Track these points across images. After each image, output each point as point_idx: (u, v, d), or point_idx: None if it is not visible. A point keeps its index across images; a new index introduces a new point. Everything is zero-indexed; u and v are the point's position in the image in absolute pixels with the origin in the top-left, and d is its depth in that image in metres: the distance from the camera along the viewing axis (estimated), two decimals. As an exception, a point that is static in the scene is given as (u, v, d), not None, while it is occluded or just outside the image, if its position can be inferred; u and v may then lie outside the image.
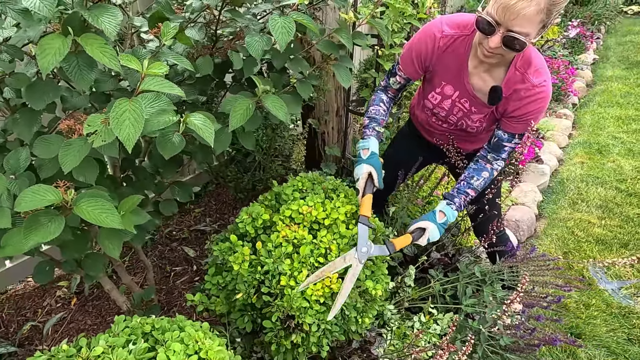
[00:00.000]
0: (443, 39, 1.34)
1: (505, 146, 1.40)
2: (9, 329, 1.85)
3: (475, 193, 1.44)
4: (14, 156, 0.91)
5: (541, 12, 1.07)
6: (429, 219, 1.39)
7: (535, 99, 1.28)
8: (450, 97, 1.43)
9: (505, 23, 1.11)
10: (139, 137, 0.71)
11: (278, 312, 1.28)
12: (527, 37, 1.12)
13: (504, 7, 1.08)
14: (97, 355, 0.94)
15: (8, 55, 0.84)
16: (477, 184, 1.43)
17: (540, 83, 1.27)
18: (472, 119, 1.45)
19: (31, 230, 0.79)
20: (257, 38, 0.99)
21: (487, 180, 1.44)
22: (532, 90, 1.27)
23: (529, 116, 1.31)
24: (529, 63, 1.27)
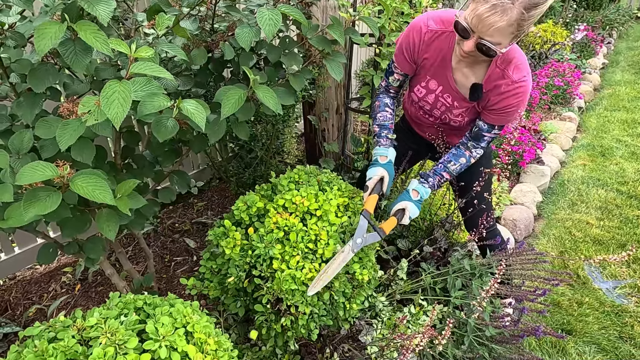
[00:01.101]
0: (428, 33, 1.39)
1: (485, 136, 1.46)
2: (16, 311, 1.93)
3: (450, 176, 1.53)
4: (18, 137, 0.98)
5: (512, 26, 1.12)
6: (405, 198, 1.49)
7: (514, 93, 1.32)
8: (434, 91, 1.48)
9: (478, 32, 1.17)
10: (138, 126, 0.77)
11: (268, 294, 1.33)
12: (499, 46, 1.18)
13: (478, 18, 1.14)
14: (90, 325, 1.00)
15: (13, 42, 0.91)
16: (452, 169, 1.52)
17: (520, 79, 1.31)
18: (454, 114, 1.50)
19: (30, 204, 0.85)
20: (247, 30, 1.05)
21: (463, 166, 1.52)
22: (511, 86, 1.31)
23: (507, 109, 1.35)
24: (510, 60, 1.31)
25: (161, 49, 1.05)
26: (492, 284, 1.24)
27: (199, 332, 1.02)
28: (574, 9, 7.93)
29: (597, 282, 2.18)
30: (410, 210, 1.47)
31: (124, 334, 0.95)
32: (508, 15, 1.10)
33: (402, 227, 1.98)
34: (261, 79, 1.27)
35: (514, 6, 1.09)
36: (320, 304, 1.35)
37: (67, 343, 0.93)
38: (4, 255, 2.04)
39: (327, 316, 1.43)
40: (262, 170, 2.56)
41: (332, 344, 1.68)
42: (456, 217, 1.98)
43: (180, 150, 1.57)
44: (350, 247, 1.36)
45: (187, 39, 1.19)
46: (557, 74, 4.34)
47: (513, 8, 1.09)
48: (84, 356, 0.93)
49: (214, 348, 1.03)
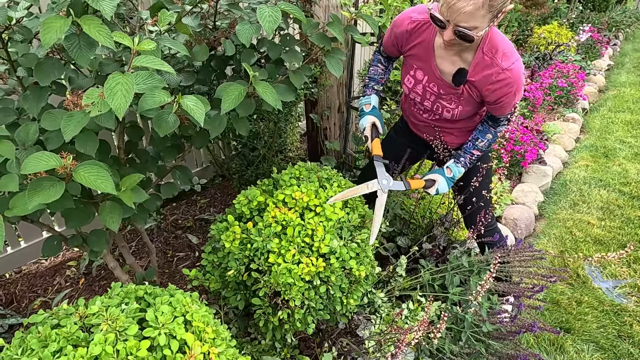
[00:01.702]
0: (411, 24, 1.44)
1: (500, 118, 1.49)
2: (21, 303, 1.97)
3: (480, 153, 1.58)
4: (24, 129, 1.01)
5: (481, 8, 1.15)
6: (439, 172, 1.58)
7: (506, 83, 1.34)
8: (421, 82, 1.52)
9: (451, 20, 1.20)
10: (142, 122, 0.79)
11: (265, 287, 1.35)
12: (476, 30, 1.21)
13: (447, 6, 1.18)
14: (92, 313, 1.02)
15: (20, 36, 0.94)
16: (481, 145, 1.56)
17: (509, 66, 1.33)
18: (445, 100, 1.52)
19: (34, 193, 0.88)
20: (247, 26, 1.08)
21: (490, 142, 1.56)
22: (502, 74, 1.33)
23: (505, 99, 1.38)
24: (496, 48, 1.33)
25: (164, 44, 1.07)
26: (487, 278, 1.26)
27: (198, 321, 1.05)
28: (580, 10, 7.91)
29: (597, 281, 2.18)
30: (440, 183, 1.55)
31: (124, 321, 0.98)
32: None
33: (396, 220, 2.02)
34: (262, 75, 1.29)
35: None
36: (317, 298, 1.37)
37: (69, 329, 0.96)
38: (10, 249, 2.08)
39: (324, 310, 1.45)
40: (264, 167, 2.59)
41: (330, 338, 1.70)
42: (455, 215, 1.99)
43: (183, 146, 1.60)
44: (381, 188, 1.43)
45: (189, 35, 1.22)
46: (561, 75, 4.34)
47: None
48: (86, 342, 0.95)
49: (212, 337, 1.05)
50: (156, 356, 0.96)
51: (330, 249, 1.37)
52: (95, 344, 0.91)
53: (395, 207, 1.95)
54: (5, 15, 0.85)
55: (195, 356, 0.98)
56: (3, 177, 0.95)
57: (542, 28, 5.77)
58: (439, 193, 1.57)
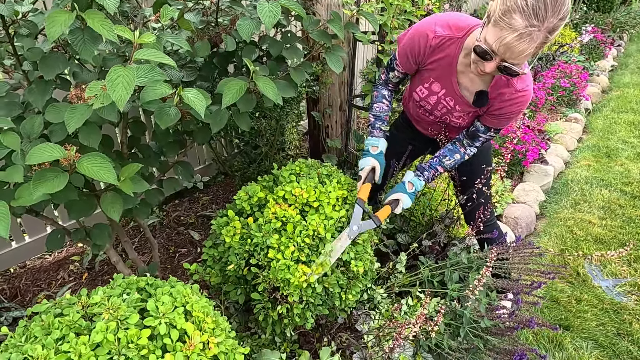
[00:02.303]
0: (435, 39, 1.38)
1: (481, 137, 1.51)
2: (25, 297, 2.00)
3: (444, 170, 1.59)
4: (29, 122, 1.03)
5: (536, 49, 1.11)
6: (400, 190, 1.57)
7: (517, 102, 1.36)
8: (436, 94, 1.49)
9: (503, 57, 1.15)
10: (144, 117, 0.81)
11: (264, 282, 1.37)
12: (520, 66, 1.18)
13: (505, 47, 1.11)
14: (94, 302, 1.04)
15: (26, 30, 0.96)
16: (447, 163, 1.57)
17: (523, 88, 1.34)
18: (454, 116, 1.53)
19: (39, 183, 0.90)
20: (248, 22, 1.10)
21: (457, 162, 1.57)
22: (515, 94, 1.35)
23: (507, 116, 1.40)
24: None
25: (166, 40, 1.09)
26: (484, 271, 1.27)
27: (198, 311, 1.07)
28: (584, 11, 7.89)
29: (597, 280, 2.18)
30: (403, 201, 1.55)
31: (125, 310, 0.99)
32: (535, 42, 1.08)
33: (397, 217, 2.05)
34: (262, 71, 1.31)
35: (541, 32, 1.06)
36: (315, 294, 1.39)
37: (72, 317, 0.98)
38: (15, 244, 2.11)
39: (323, 305, 1.46)
40: (266, 165, 2.60)
41: (330, 333, 1.72)
42: (456, 213, 2.00)
43: (185, 141, 1.62)
44: (347, 234, 1.41)
45: (191, 31, 1.24)
46: (563, 76, 4.34)
47: (539, 34, 1.07)
48: (88, 330, 0.97)
49: (211, 327, 1.07)
50: (156, 345, 0.98)
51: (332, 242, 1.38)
52: (97, 332, 0.93)
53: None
54: (11, 9, 0.87)
55: (195, 345, 1.00)
56: (9, 168, 0.97)
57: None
58: (404, 209, 1.57)
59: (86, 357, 0.89)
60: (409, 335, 1.26)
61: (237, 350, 1.12)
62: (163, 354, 0.96)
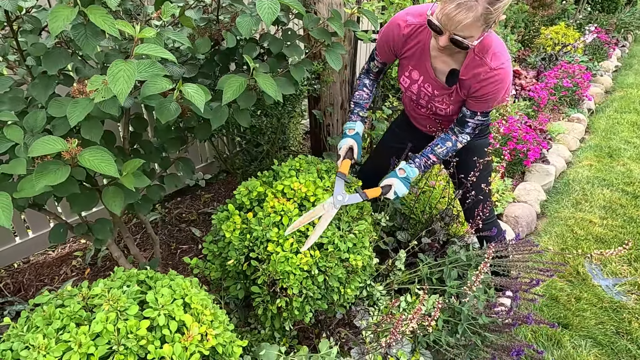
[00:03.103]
0: (407, 27, 1.47)
1: (469, 122, 1.51)
2: (28, 292, 2.02)
3: (436, 158, 1.59)
4: (32, 116, 1.05)
5: (479, 20, 1.19)
6: (393, 175, 1.59)
7: (493, 80, 1.37)
8: (417, 82, 1.56)
9: (449, 29, 1.24)
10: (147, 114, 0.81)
11: (264, 276, 1.38)
12: (471, 39, 1.25)
13: (446, 17, 1.21)
14: (95, 294, 1.06)
15: (30, 25, 0.98)
16: (439, 151, 1.58)
17: (498, 66, 1.35)
18: (437, 101, 1.56)
19: (41, 175, 0.92)
20: (247, 18, 1.11)
21: (449, 150, 1.58)
22: (490, 73, 1.36)
23: (488, 96, 1.41)
24: (487, 48, 1.36)
25: (167, 36, 1.11)
26: (481, 268, 1.28)
27: (196, 304, 1.08)
28: (588, 11, 7.86)
29: (597, 279, 2.18)
30: (396, 185, 1.56)
31: (125, 302, 1.01)
32: (473, 12, 1.16)
33: (397, 215, 2.05)
34: (263, 68, 1.32)
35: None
36: (315, 287, 1.40)
37: (72, 308, 1.00)
38: (18, 239, 2.14)
39: (322, 300, 1.48)
40: (267, 163, 2.62)
41: (329, 329, 1.73)
42: (455, 210, 2.01)
43: (186, 138, 1.64)
44: (333, 204, 1.44)
45: (192, 28, 1.25)
46: (566, 76, 4.33)
47: (477, 5, 1.15)
48: (88, 320, 0.99)
49: (210, 319, 1.08)
50: (155, 335, 0.99)
51: (329, 240, 1.39)
52: (97, 322, 0.95)
53: (395, 201, 1.97)
54: (15, 4, 0.89)
55: (193, 337, 1.01)
56: (12, 160, 0.99)
57: (549, 29, 5.76)
58: (399, 196, 1.58)
59: (86, 347, 0.91)
60: (406, 330, 1.27)
61: (235, 343, 1.13)
62: (162, 344, 0.98)
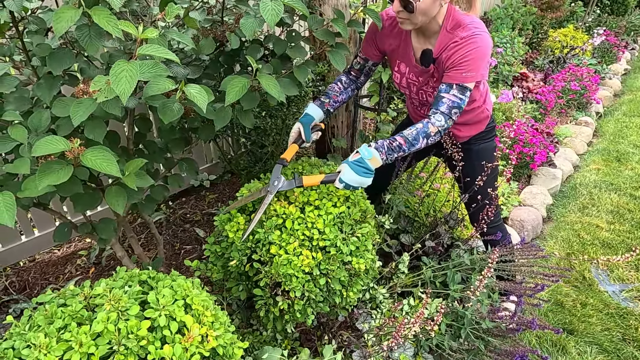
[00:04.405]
0: (387, 20, 1.50)
1: (443, 97, 1.37)
2: (33, 290, 2.04)
3: (404, 141, 1.35)
4: (36, 116, 1.06)
5: None
6: (344, 161, 1.35)
7: (465, 44, 1.33)
8: (404, 75, 1.57)
9: None
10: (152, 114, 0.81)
11: (266, 278, 1.38)
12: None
13: None
14: (97, 294, 1.06)
15: (35, 26, 0.99)
16: (407, 133, 1.36)
17: (468, 35, 1.34)
18: (424, 89, 1.55)
19: (44, 175, 0.92)
20: (251, 20, 1.11)
21: (420, 131, 1.36)
22: (460, 41, 1.35)
23: (461, 62, 1.34)
24: (458, 24, 1.37)
25: (171, 37, 1.11)
26: (485, 272, 1.27)
27: (197, 305, 1.08)
28: (597, 14, 7.79)
29: (604, 284, 2.15)
30: (343, 172, 1.32)
31: (126, 302, 1.01)
32: None
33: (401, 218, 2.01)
34: (266, 69, 1.32)
35: None
36: (317, 290, 1.39)
37: (74, 308, 1.00)
38: (24, 238, 2.15)
39: (324, 303, 1.47)
40: (272, 164, 2.62)
41: (330, 331, 1.72)
42: (460, 214, 2.00)
43: (190, 138, 1.64)
44: (269, 190, 1.44)
45: (196, 29, 1.25)
46: (574, 78, 4.29)
47: None
48: (89, 320, 0.99)
49: (210, 320, 1.08)
50: (156, 336, 0.99)
51: (331, 243, 1.39)
52: (98, 322, 0.95)
53: (399, 204, 1.96)
54: (20, 5, 0.90)
55: (194, 338, 1.01)
56: (16, 160, 0.99)
57: (557, 31, 5.71)
58: (348, 185, 1.32)
59: (87, 346, 0.91)
60: (408, 334, 1.26)
61: (235, 345, 1.13)
62: (162, 345, 0.98)
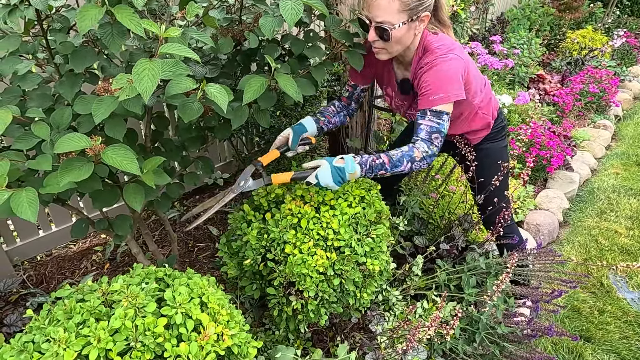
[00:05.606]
0: (367, 43, 1.46)
1: (421, 124, 1.34)
2: (50, 284, 2.07)
3: (388, 161, 1.32)
4: (58, 113, 1.07)
5: (394, 2, 1.20)
6: (327, 159, 1.31)
7: (427, 70, 1.32)
8: (392, 97, 1.58)
9: (370, 16, 1.24)
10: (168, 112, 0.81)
11: (280, 277, 1.38)
12: (391, 26, 1.24)
13: (365, 3, 1.24)
14: (114, 290, 1.08)
15: (59, 24, 1.00)
16: (392, 153, 1.33)
17: (431, 60, 1.32)
18: (411, 112, 1.56)
19: (66, 171, 0.93)
20: (270, 19, 1.11)
21: (404, 155, 1.32)
22: (424, 67, 1.33)
23: (426, 88, 1.31)
24: (427, 49, 1.35)
25: (191, 36, 1.12)
26: (503, 278, 1.25)
27: (213, 303, 1.08)
28: (617, 15, 7.64)
29: (622, 291, 2.11)
30: (322, 169, 1.28)
31: (143, 299, 1.02)
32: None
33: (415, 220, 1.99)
34: (284, 69, 1.32)
35: None
36: (330, 290, 1.39)
37: (92, 303, 1.01)
38: (42, 232, 2.19)
39: (337, 303, 1.46)
40: (285, 164, 2.62)
41: (343, 332, 1.71)
42: (475, 217, 1.97)
43: (206, 137, 1.65)
44: (232, 189, 1.43)
45: (215, 28, 1.26)
46: (593, 81, 4.21)
47: None
48: (107, 316, 1.00)
49: (226, 319, 1.08)
50: (172, 334, 1.00)
51: (346, 243, 1.38)
52: (116, 318, 0.96)
53: (414, 206, 1.94)
54: (46, 3, 0.91)
55: (210, 336, 1.01)
56: (38, 157, 1.01)
57: (575, 33, 5.61)
58: (320, 184, 1.29)
59: (104, 342, 0.92)
60: (423, 338, 1.25)
61: (250, 344, 1.13)
62: (178, 342, 0.99)
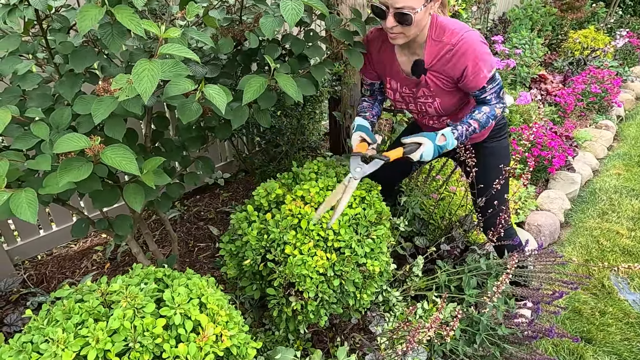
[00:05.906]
0: (369, 34, 1.51)
1: (485, 96, 1.42)
2: (50, 284, 2.07)
3: (477, 124, 1.43)
4: (58, 113, 1.07)
5: None
6: (429, 137, 1.41)
7: (462, 53, 1.33)
8: (397, 90, 1.56)
9: (388, 3, 1.23)
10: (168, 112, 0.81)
11: (280, 278, 1.38)
12: (413, 10, 1.23)
13: None
14: (113, 290, 1.07)
15: (59, 24, 1.00)
16: (478, 116, 1.43)
17: (457, 39, 1.32)
18: (421, 100, 1.53)
19: (65, 172, 0.93)
20: (271, 19, 1.11)
21: (488, 116, 1.43)
22: (453, 49, 1.34)
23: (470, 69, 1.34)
24: (443, 30, 1.35)
25: (191, 36, 1.12)
26: (503, 278, 1.24)
27: (212, 304, 1.08)
28: (619, 15, 7.61)
29: (624, 292, 2.10)
30: (426, 148, 1.39)
31: (142, 299, 1.02)
32: None
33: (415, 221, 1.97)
34: (284, 69, 1.32)
35: None
36: (330, 291, 1.38)
37: (91, 304, 1.01)
38: (42, 232, 2.19)
39: (337, 304, 1.46)
40: (286, 163, 2.62)
41: (343, 333, 1.71)
42: (475, 218, 1.97)
43: (206, 137, 1.65)
44: (352, 177, 1.40)
45: (215, 28, 1.26)
46: (595, 81, 4.19)
47: None
48: (106, 316, 1.00)
49: (225, 320, 1.08)
50: (171, 334, 1.00)
51: (346, 244, 1.38)
52: (115, 319, 0.96)
53: (414, 207, 1.94)
54: (45, 3, 0.91)
55: (208, 337, 1.01)
56: (38, 157, 1.01)
57: (577, 33, 5.59)
58: (423, 160, 1.41)
59: (103, 343, 0.92)
60: (423, 339, 1.24)
61: (249, 345, 1.13)
62: (177, 343, 0.98)
